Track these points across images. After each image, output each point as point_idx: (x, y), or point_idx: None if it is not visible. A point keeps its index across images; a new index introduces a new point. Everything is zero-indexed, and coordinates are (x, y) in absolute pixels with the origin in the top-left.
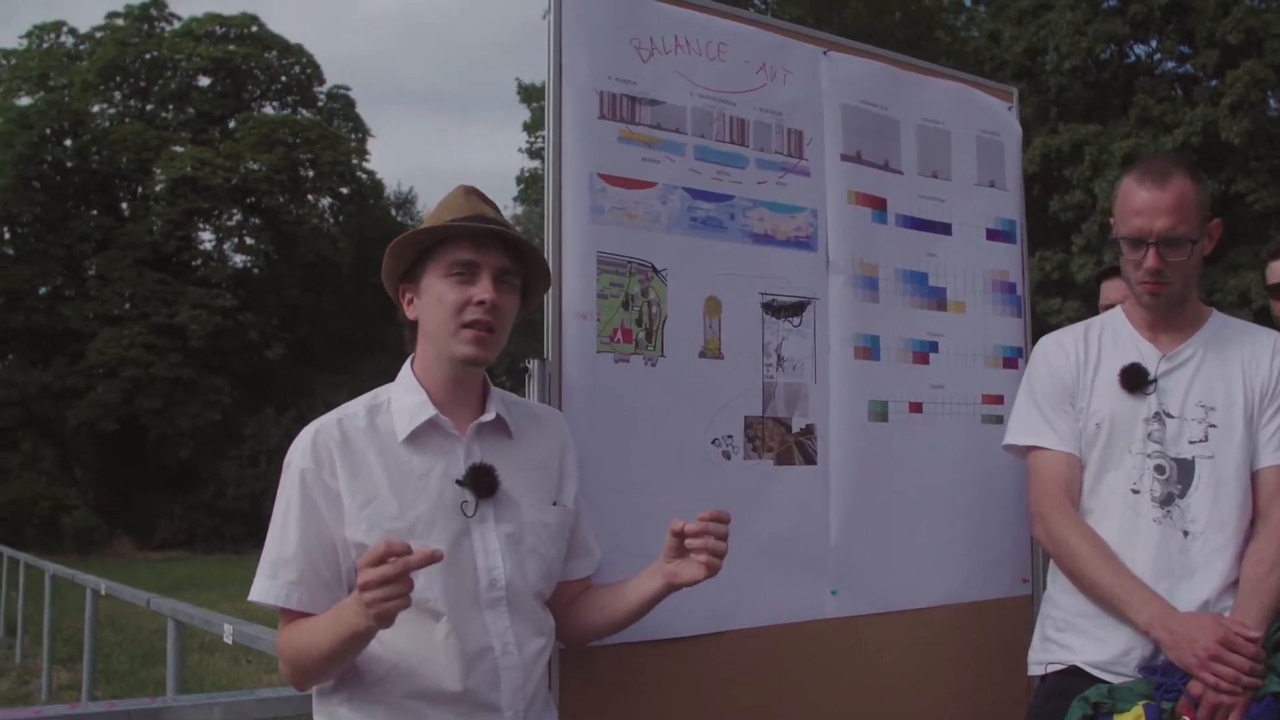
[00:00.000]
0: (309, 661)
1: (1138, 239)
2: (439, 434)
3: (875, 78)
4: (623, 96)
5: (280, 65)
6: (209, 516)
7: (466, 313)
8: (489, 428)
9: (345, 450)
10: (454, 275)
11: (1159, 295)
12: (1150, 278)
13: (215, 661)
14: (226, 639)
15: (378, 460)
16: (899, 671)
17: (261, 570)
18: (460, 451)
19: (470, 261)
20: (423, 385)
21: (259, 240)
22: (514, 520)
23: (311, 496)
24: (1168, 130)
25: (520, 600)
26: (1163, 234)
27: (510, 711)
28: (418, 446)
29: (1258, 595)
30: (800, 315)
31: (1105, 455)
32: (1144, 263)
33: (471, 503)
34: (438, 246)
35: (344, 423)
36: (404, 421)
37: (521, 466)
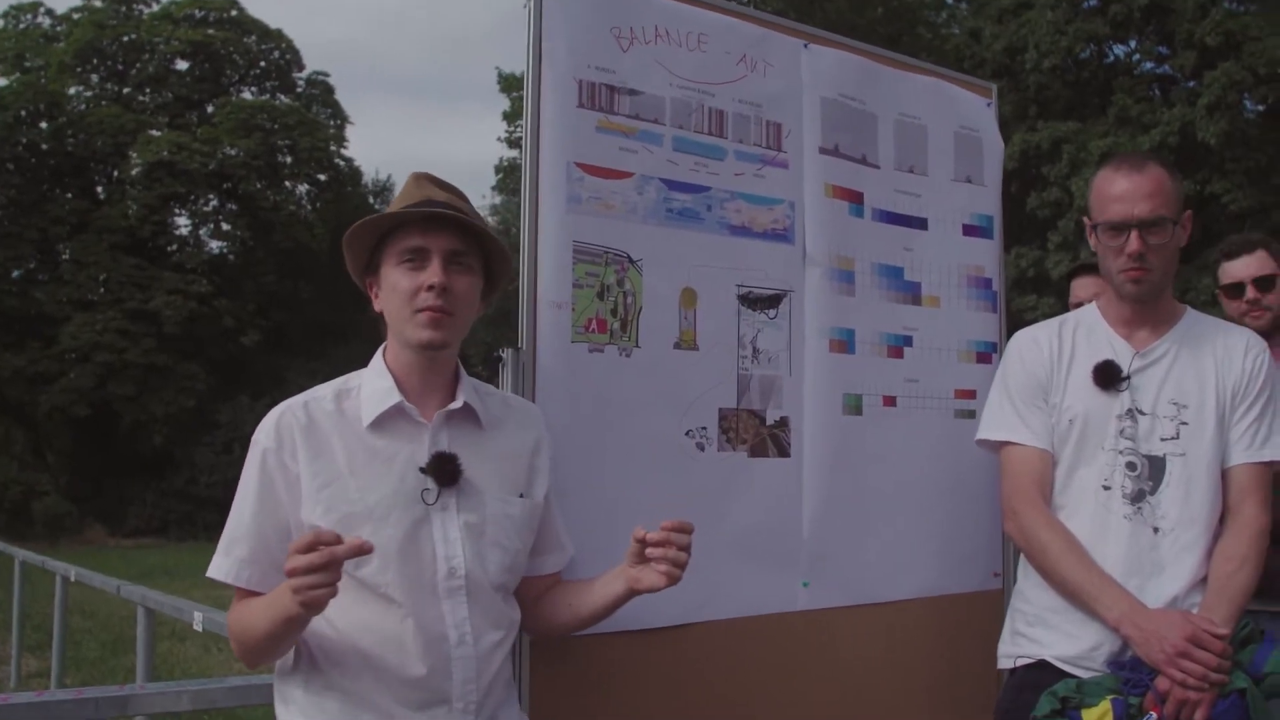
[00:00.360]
0: (252, 640)
1: (1120, 224)
2: (405, 420)
3: (855, 72)
4: (602, 86)
5: (259, 50)
6: (182, 503)
7: (418, 299)
8: (458, 416)
9: (309, 432)
10: (405, 263)
11: (1141, 282)
12: (1133, 263)
13: (186, 649)
14: (196, 626)
15: (340, 444)
16: (871, 664)
17: (220, 547)
18: (426, 439)
19: (418, 247)
20: (392, 372)
21: (235, 226)
22: (477, 511)
23: (270, 476)
24: (1145, 130)
25: (480, 591)
26: (1144, 217)
27: (461, 703)
28: (383, 432)
29: (1226, 593)
30: (776, 308)
31: (1078, 451)
32: (1126, 248)
33: (433, 490)
34: (390, 236)
35: (310, 405)
36: (370, 406)
37: (489, 457)
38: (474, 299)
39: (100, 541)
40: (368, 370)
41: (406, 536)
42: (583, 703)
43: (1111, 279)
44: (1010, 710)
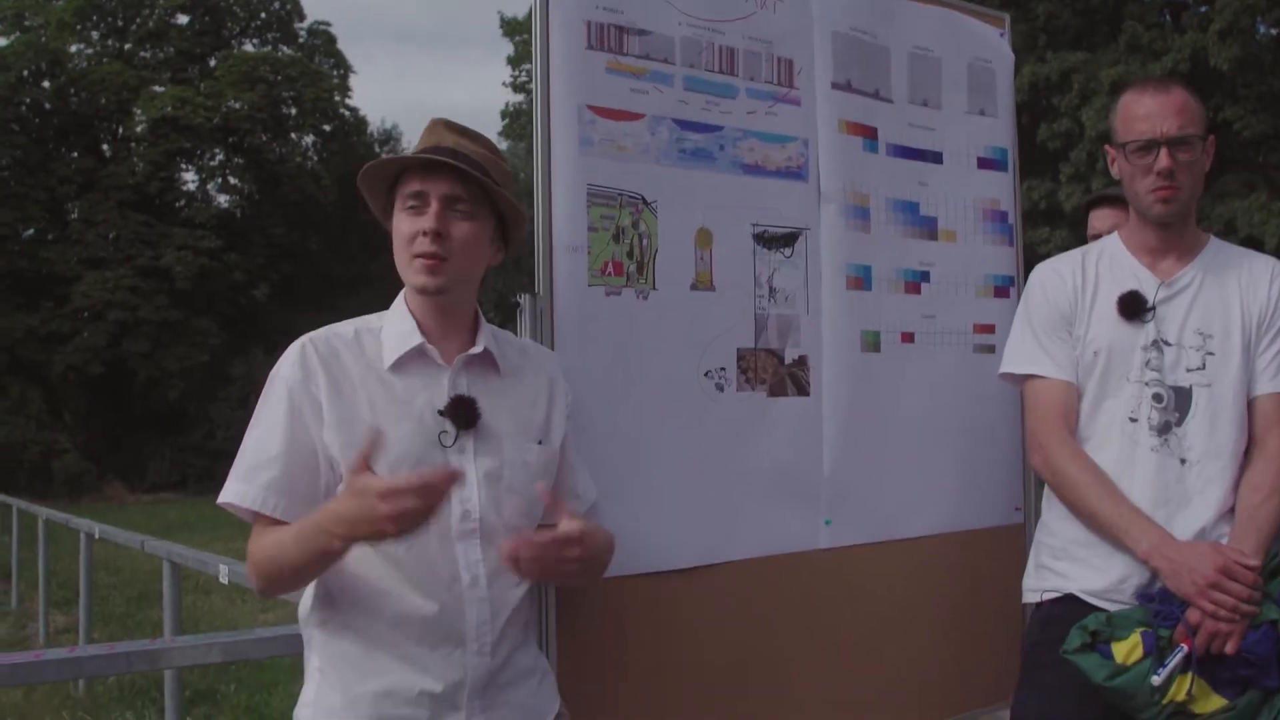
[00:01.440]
0: (276, 570)
1: (1149, 142)
2: (425, 363)
3: (865, 4)
4: (610, 26)
5: (259, 2)
6: (199, 458)
7: (415, 244)
8: (477, 361)
9: (331, 365)
10: (408, 208)
11: (1171, 201)
12: (1163, 181)
13: (211, 602)
14: (222, 579)
15: (360, 381)
16: (893, 601)
17: (235, 474)
18: (445, 382)
19: (418, 192)
20: (413, 315)
21: (242, 180)
22: (494, 455)
23: (297, 405)
24: (1156, 57)
25: (495, 535)
26: (1172, 134)
27: (476, 644)
28: (403, 373)
29: (1255, 523)
30: (792, 246)
31: (1103, 383)
32: (1155, 165)
33: (451, 433)
34: (399, 182)
35: (332, 339)
36: (391, 347)
37: (507, 403)
38: (477, 245)
39: (120, 498)
40: (390, 312)
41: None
42: (607, 644)
43: (1139, 201)
44: (1038, 644)
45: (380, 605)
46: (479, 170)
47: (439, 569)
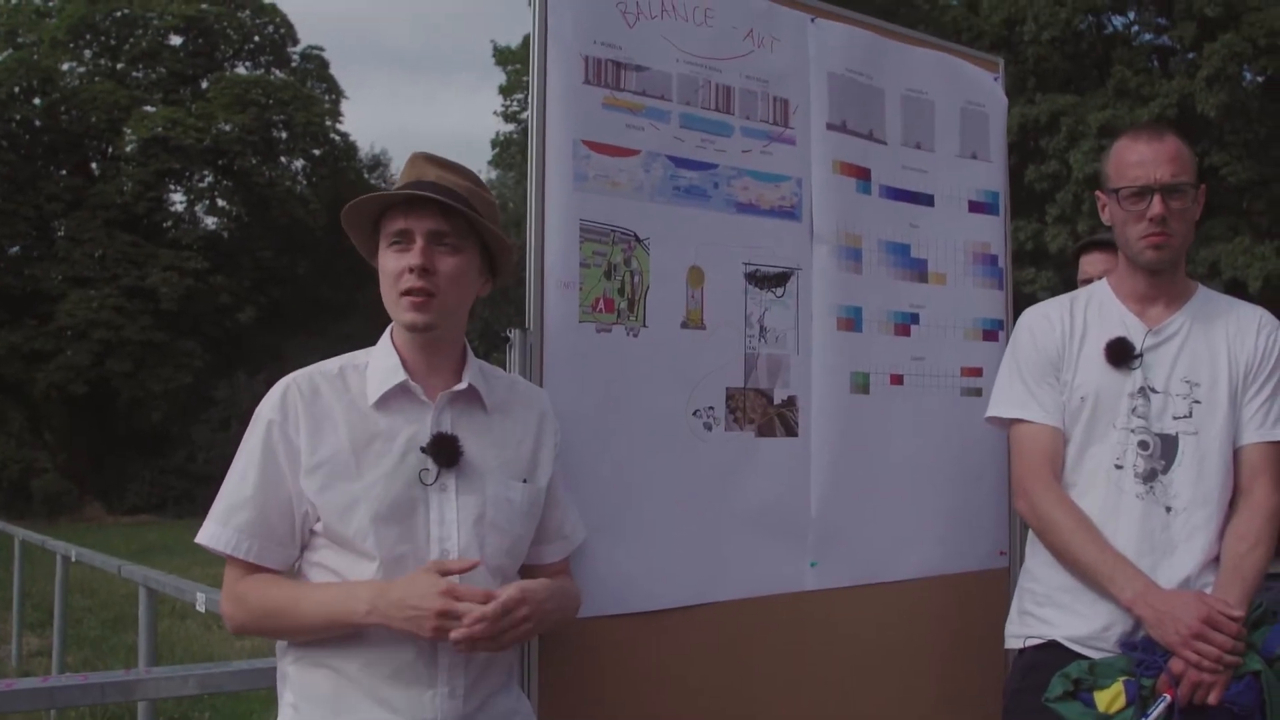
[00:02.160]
0: (278, 623)
1: (1142, 189)
2: (409, 400)
3: (861, 46)
4: (608, 62)
5: (253, 24)
6: (180, 480)
7: (401, 281)
8: (462, 398)
9: (313, 405)
10: (393, 245)
11: (1163, 248)
12: (1155, 228)
13: (186, 627)
14: (200, 607)
15: (343, 419)
16: (878, 643)
17: (213, 516)
18: (429, 419)
19: (403, 230)
20: (398, 351)
21: (231, 202)
22: (477, 493)
23: (273, 449)
24: (1144, 102)
25: (474, 576)
26: (1166, 182)
27: (447, 687)
28: (387, 410)
29: (1240, 573)
30: (783, 286)
31: (1089, 429)
32: (1149, 212)
33: (431, 471)
34: (383, 218)
35: (315, 378)
36: (375, 384)
37: (493, 440)
38: (464, 279)
39: (99, 519)
40: (376, 348)
41: (404, 517)
42: (592, 684)
43: (1130, 247)
44: (1020, 691)
45: (355, 644)
46: (462, 204)
47: None
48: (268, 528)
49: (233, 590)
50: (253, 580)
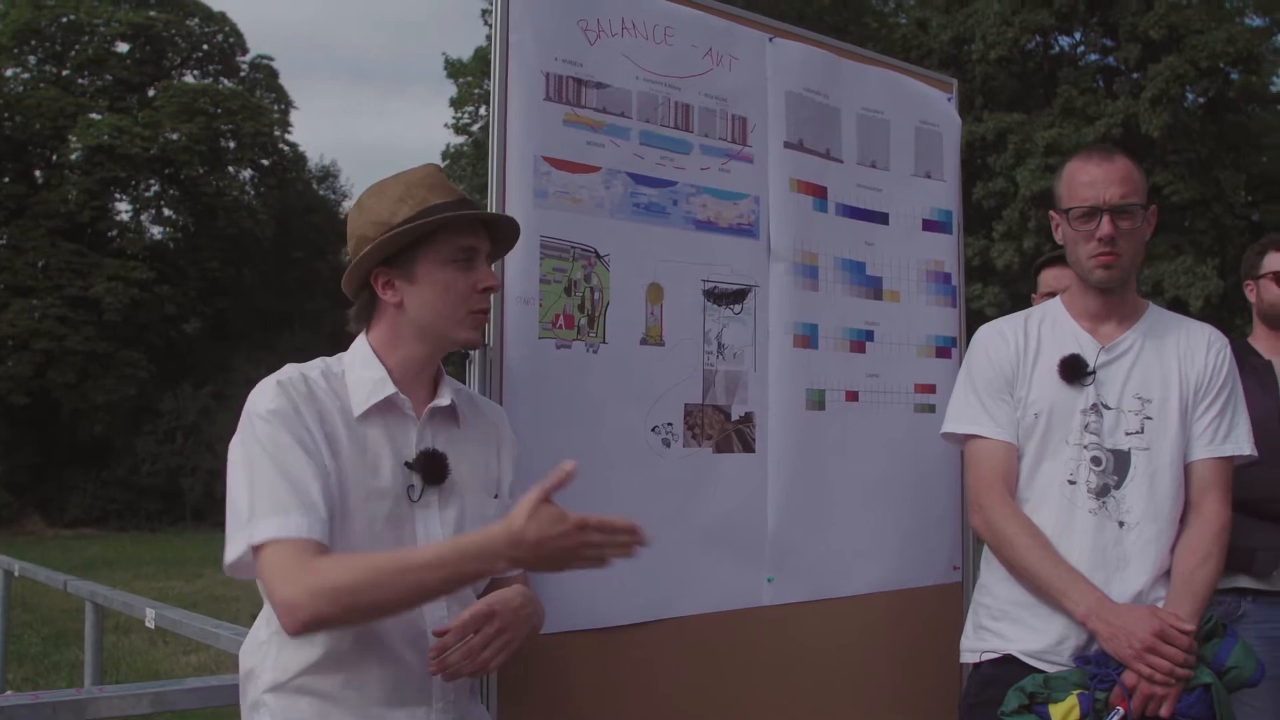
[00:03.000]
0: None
1: (1091, 209)
2: (395, 414)
3: (818, 66)
4: (569, 79)
5: (202, 33)
6: (123, 493)
7: (473, 300)
8: (440, 414)
9: (313, 405)
10: (458, 262)
11: (1112, 267)
12: (1104, 247)
13: (131, 643)
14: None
15: (344, 431)
16: (834, 657)
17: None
18: (413, 434)
19: (472, 247)
20: (384, 364)
21: (177, 212)
22: (457, 509)
23: (289, 432)
24: (1090, 121)
25: (459, 591)
26: (1115, 202)
27: (441, 701)
28: (371, 423)
29: (1190, 587)
30: (741, 303)
31: (1043, 445)
32: (1098, 232)
33: (417, 487)
34: (437, 231)
35: (309, 379)
36: (361, 395)
37: (467, 456)
38: None
39: (39, 532)
40: (350, 357)
41: (389, 533)
42: (552, 700)
43: (1080, 266)
44: (976, 705)
45: (342, 666)
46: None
47: (407, 625)
48: (315, 506)
49: (301, 583)
50: (328, 559)
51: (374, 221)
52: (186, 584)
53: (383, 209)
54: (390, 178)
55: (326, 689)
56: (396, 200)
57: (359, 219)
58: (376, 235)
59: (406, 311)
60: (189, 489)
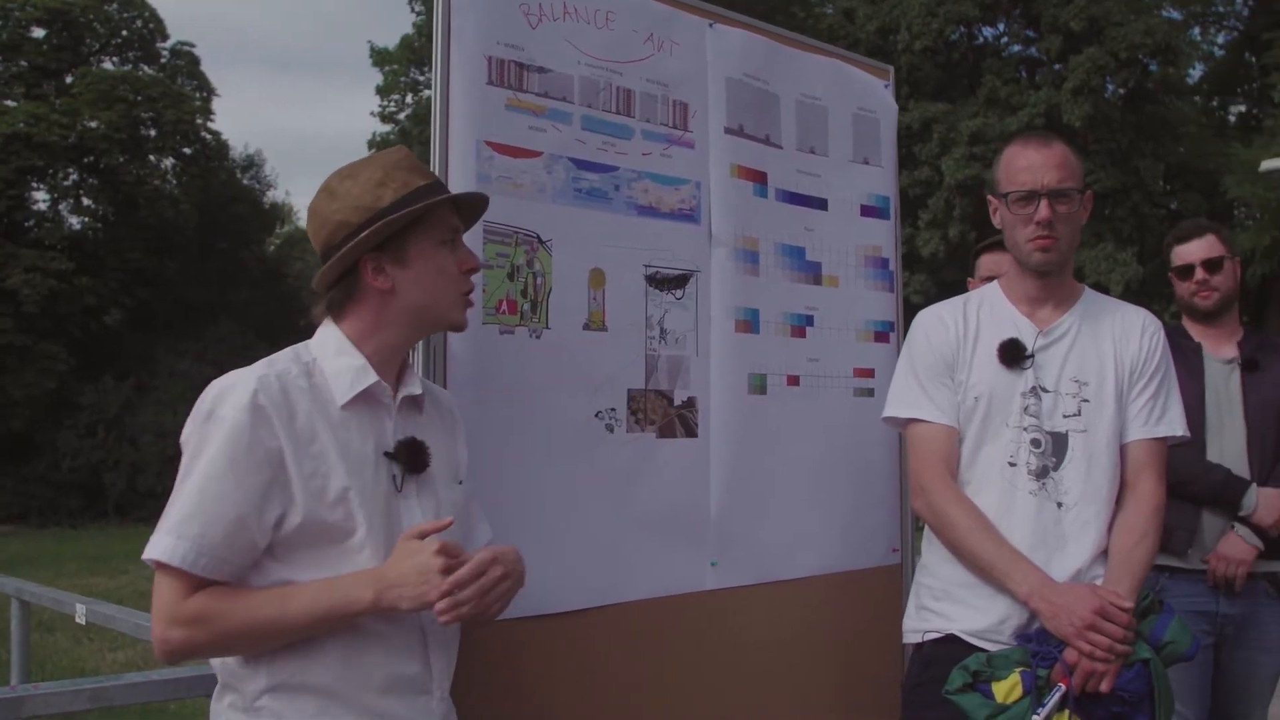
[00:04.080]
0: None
1: (1029, 193)
2: (372, 403)
3: (758, 52)
4: (511, 63)
5: (121, 18)
6: (44, 489)
7: (463, 281)
8: (406, 403)
9: (287, 411)
10: (447, 243)
11: (1050, 250)
12: (1042, 230)
13: (55, 641)
14: (79, 619)
15: (324, 426)
16: (777, 640)
17: (165, 527)
18: (389, 424)
19: (458, 227)
20: (360, 351)
21: (97, 201)
22: (432, 497)
23: (243, 455)
24: (1013, 111)
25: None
26: (1053, 186)
27: (439, 691)
28: (353, 414)
29: (1128, 565)
30: (683, 288)
31: (983, 428)
32: (1035, 215)
33: (400, 477)
34: (427, 214)
35: (283, 379)
36: (343, 385)
37: (433, 443)
38: None
39: None
40: (319, 344)
41: (382, 526)
42: (499, 687)
43: (1019, 250)
44: (919, 685)
45: (345, 660)
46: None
47: (404, 620)
48: (228, 541)
49: (180, 611)
50: (206, 596)
51: (356, 206)
52: (111, 580)
53: (363, 193)
54: (359, 161)
55: (329, 684)
56: (377, 184)
57: (332, 205)
58: (362, 220)
59: (397, 297)
60: (111, 484)
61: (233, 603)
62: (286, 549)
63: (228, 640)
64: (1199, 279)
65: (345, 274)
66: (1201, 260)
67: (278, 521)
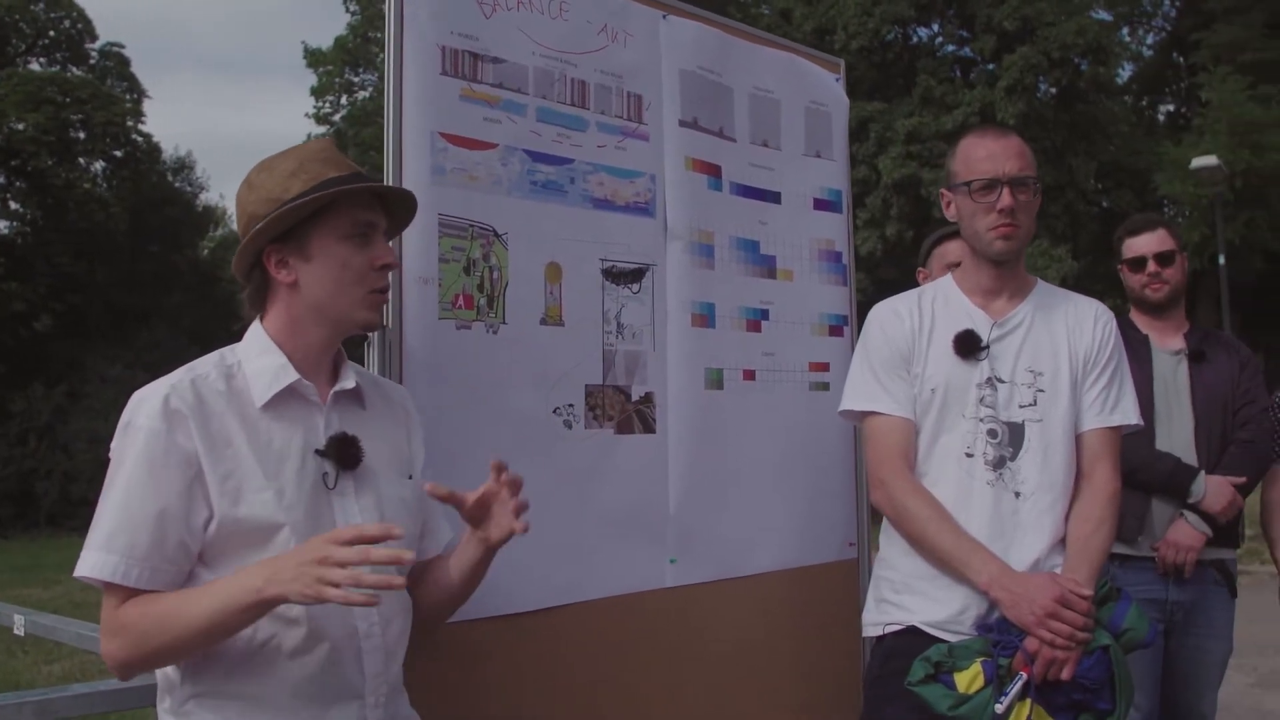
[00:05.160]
0: (165, 638)
1: (991, 181)
2: (298, 401)
3: (711, 44)
4: (465, 53)
5: (48, 19)
6: None
7: (372, 278)
8: (345, 397)
9: (201, 414)
10: (354, 237)
11: (1011, 239)
12: (1005, 219)
13: None
14: (17, 630)
15: (239, 428)
16: (738, 637)
17: (93, 543)
18: (320, 421)
19: (370, 222)
20: (281, 349)
21: (25, 205)
22: (373, 494)
23: (161, 461)
24: (948, 110)
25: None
26: (1014, 174)
27: (373, 696)
28: (276, 414)
29: (1086, 554)
30: (639, 282)
31: (940, 420)
32: (998, 203)
33: (332, 474)
34: (333, 205)
35: (198, 384)
36: (262, 386)
37: (376, 438)
38: None
39: None
40: (244, 346)
41: (309, 524)
42: (459, 689)
43: (979, 239)
44: (881, 677)
45: (270, 665)
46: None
47: (334, 620)
48: (158, 548)
49: (111, 623)
50: (131, 605)
51: (266, 199)
52: (44, 590)
53: (274, 184)
54: (281, 153)
55: (254, 691)
56: (288, 175)
57: (249, 197)
58: (268, 212)
59: (301, 292)
60: (44, 493)
61: (149, 607)
62: (214, 554)
63: (150, 644)
64: (1151, 271)
65: (253, 267)
66: (1154, 253)
67: (205, 525)
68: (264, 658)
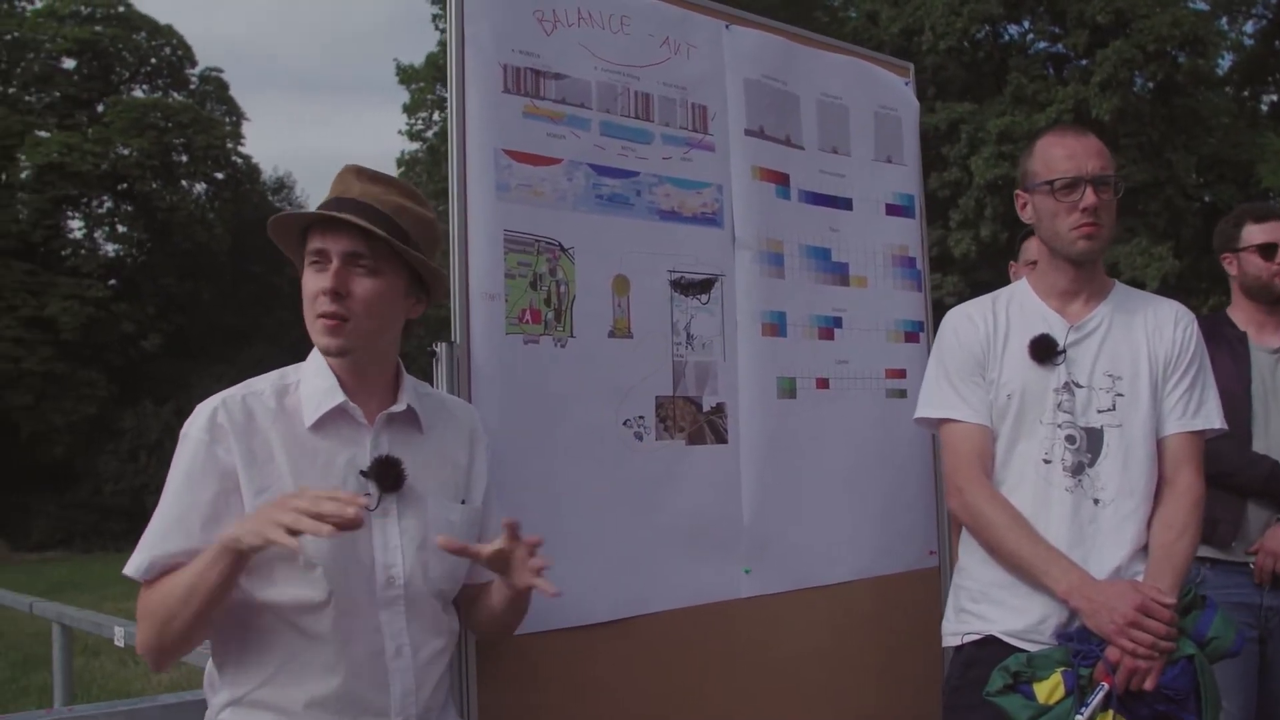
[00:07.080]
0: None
1: (1074, 180)
2: (347, 422)
3: (776, 52)
4: (527, 70)
5: (150, 47)
6: (87, 514)
7: (316, 303)
8: (399, 419)
9: (247, 430)
10: (312, 265)
11: (1094, 238)
12: (1088, 218)
13: (101, 664)
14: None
15: (281, 444)
16: (815, 646)
17: (141, 545)
18: (367, 441)
19: (320, 249)
20: (333, 370)
21: (132, 228)
22: (418, 517)
23: (201, 467)
24: (1041, 108)
25: (419, 601)
26: (1096, 173)
27: (400, 716)
28: (324, 433)
29: (1170, 561)
30: (708, 293)
31: (1017, 426)
32: (1081, 203)
33: (374, 496)
34: (307, 235)
35: (249, 400)
36: (311, 407)
37: (430, 461)
38: (381, 303)
39: (4, 557)
40: (307, 366)
41: (345, 544)
42: (528, 702)
43: (1060, 239)
44: (960, 688)
45: (298, 680)
46: (384, 223)
47: (361, 639)
48: (185, 551)
49: (137, 614)
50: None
51: None
52: None
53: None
54: None
55: (282, 703)
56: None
57: None
58: None
59: None
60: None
61: (158, 589)
62: (252, 566)
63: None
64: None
65: None
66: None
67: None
68: (293, 671)
